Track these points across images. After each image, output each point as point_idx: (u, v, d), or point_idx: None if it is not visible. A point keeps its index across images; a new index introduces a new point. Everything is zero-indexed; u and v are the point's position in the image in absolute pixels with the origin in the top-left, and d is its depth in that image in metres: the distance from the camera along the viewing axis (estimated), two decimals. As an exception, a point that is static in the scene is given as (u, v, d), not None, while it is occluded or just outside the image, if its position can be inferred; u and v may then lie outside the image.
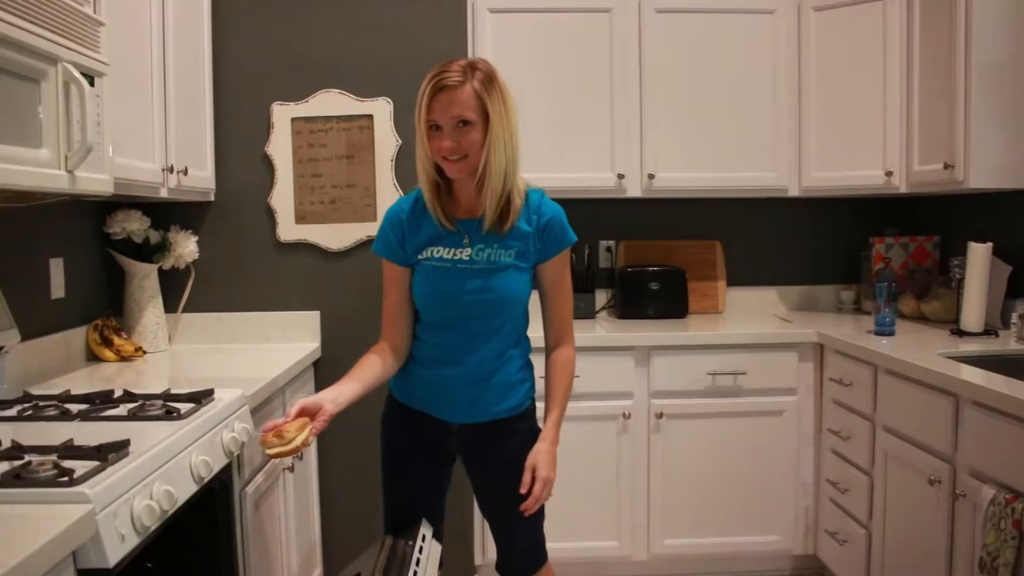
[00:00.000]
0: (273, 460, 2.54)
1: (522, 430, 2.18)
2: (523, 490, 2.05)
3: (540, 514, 2.21)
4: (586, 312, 3.83)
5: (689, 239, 4.03)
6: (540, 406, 2.23)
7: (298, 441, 1.85)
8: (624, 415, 3.34)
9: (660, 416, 3.34)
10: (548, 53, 3.58)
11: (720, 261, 4.00)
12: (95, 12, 2.20)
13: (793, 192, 3.71)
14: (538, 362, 2.26)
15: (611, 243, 4.02)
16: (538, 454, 2.09)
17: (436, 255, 2.10)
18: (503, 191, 2.05)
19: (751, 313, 3.97)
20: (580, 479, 3.34)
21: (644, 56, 3.60)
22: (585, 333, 3.38)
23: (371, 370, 2.09)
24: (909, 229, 3.94)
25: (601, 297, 3.99)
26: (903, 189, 3.47)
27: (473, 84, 1.98)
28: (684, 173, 3.64)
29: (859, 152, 3.54)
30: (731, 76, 3.63)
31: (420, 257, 2.12)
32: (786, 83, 3.64)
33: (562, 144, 3.60)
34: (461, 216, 2.12)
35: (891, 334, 3.20)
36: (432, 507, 2.24)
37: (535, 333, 2.25)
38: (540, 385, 2.24)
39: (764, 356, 3.37)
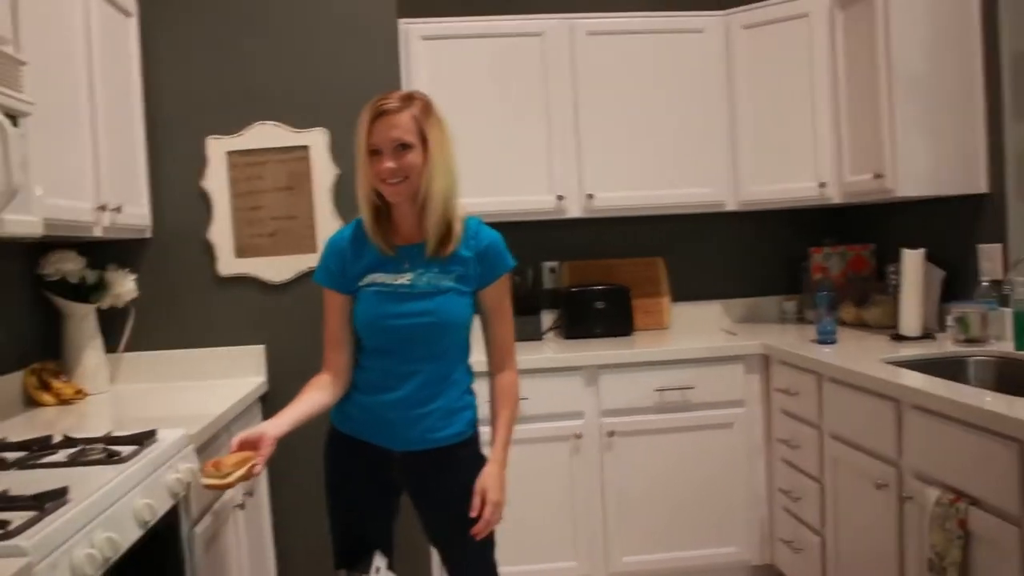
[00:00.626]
0: (223, 499, 2.50)
1: (466, 457, 2.17)
2: (473, 514, 2.05)
3: (490, 541, 2.20)
4: (532, 334, 3.83)
5: (632, 256, 4.07)
6: (485, 431, 2.22)
7: (233, 477, 1.85)
8: (575, 435, 3.34)
9: (611, 434, 3.35)
10: (483, 78, 3.61)
11: (663, 277, 4.04)
12: (17, 51, 2.16)
13: (730, 206, 3.77)
14: (482, 389, 2.25)
15: (555, 264, 4.04)
16: (487, 478, 2.09)
17: (378, 281, 2.11)
18: (444, 216, 2.08)
19: (697, 327, 4.01)
20: (534, 501, 3.34)
21: (578, 78, 3.65)
22: (532, 355, 3.39)
23: (312, 397, 2.10)
24: (846, 238, 4.02)
25: (547, 318, 4.00)
26: (836, 199, 3.54)
27: (412, 111, 2.04)
28: (623, 192, 3.68)
29: (792, 165, 3.61)
30: (664, 95, 3.69)
31: (361, 284, 2.12)
32: (718, 100, 3.71)
33: (501, 168, 3.61)
34: (401, 243, 2.13)
35: (833, 342, 3.25)
36: (381, 537, 2.22)
37: (478, 358, 2.25)
38: (484, 411, 2.23)
39: (711, 369, 3.41)
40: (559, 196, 3.64)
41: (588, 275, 3.99)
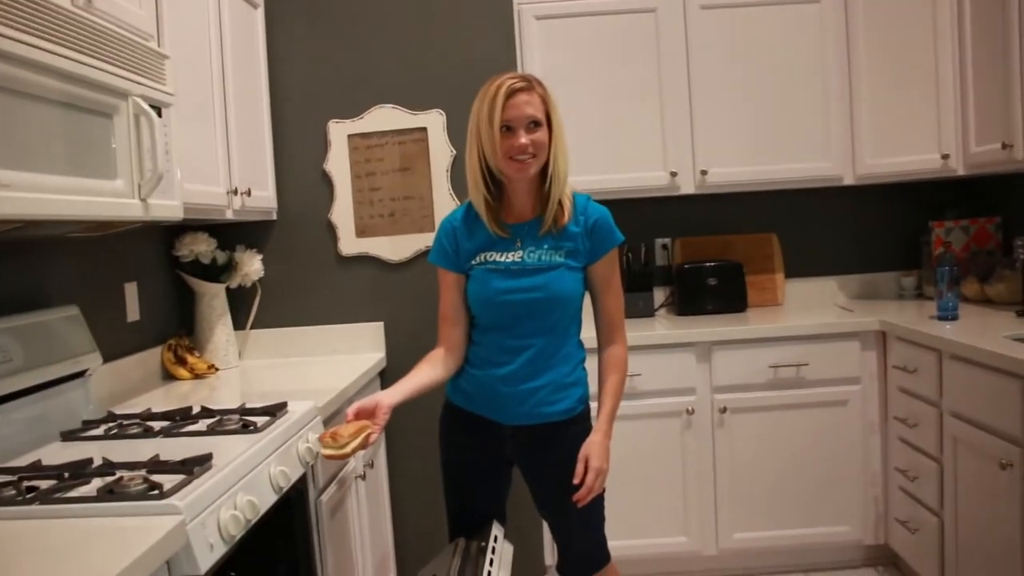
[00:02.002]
0: (346, 469, 2.62)
1: (575, 433, 2.20)
2: (576, 480, 2.08)
3: (599, 515, 2.24)
4: (645, 310, 3.85)
5: (745, 233, 4.03)
6: (595, 407, 2.27)
7: (351, 447, 1.93)
8: (688, 411, 3.35)
9: (724, 411, 3.35)
10: (596, 55, 3.62)
11: (777, 253, 3.99)
12: (159, 46, 2.30)
13: (848, 180, 3.68)
14: (593, 365, 2.29)
15: (667, 240, 4.04)
16: (591, 445, 2.13)
17: (489, 259, 2.18)
18: (562, 191, 2.14)
19: (811, 304, 3.95)
20: (646, 476, 3.37)
21: (691, 53, 3.62)
22: (645, 331, 3.41)
23: (426, 370, 2.19)
24: (969, 211, 3.88)
25: (660, 295, 4.00)
26: (961, 172, 3.43)
27: (539, 91, 2.12)
28: (737, 167, 3.64)
29: (914, 136, 3.51)
30: (779, 67, 3.63)
31: (473, 263, 2.20)
32: (836, 71, 3.62)
33: (614, 145, 3.63)
34: (512, 221, 2.20)
35: (954, 318, 3.16)
36: (494, 508, 2.29)
37: (590, 335, 2.28)
38: (595, 389, 2.27)
39: (826, 346, 3.35)
40: (672, 172, 3.63)
41: (701, 251, 3.97)
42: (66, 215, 1.73)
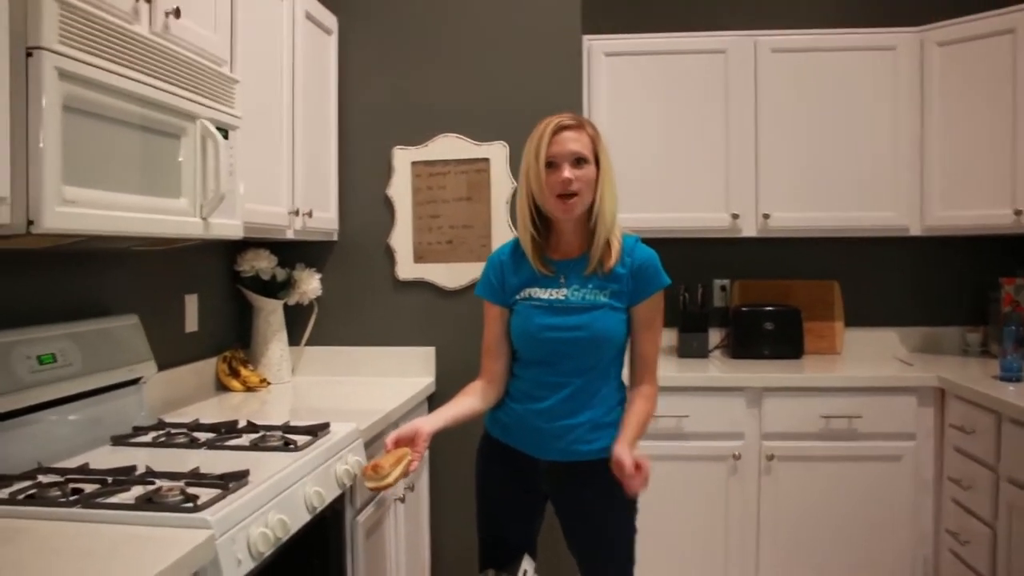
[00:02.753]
0: (385, 492, 2.65)
1: (609, 473, 2.20)
2: (623, 477, 1.98)
3: (628, 556, 2.23)
4: (699, 351, 3.82)
5: (806, 278, 3.98)
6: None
7: (392, 477, 1.95)
8: (734, 456, 3.31)
9: (771, 458, 3.30)
10: (662, 94, 3.64)
11: (838, 301, 3.93)
12: (231, 69, 2.38)
13: (915, 231, 3.62)
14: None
15: (725, 282, 4.01)
16: (619, 452, 2.01)
17: (533, 295, 2.20)
18: (609, 231, 2.15)
19: (870, 355, 3.88)
20: (688, 519, 3.34)
21: (759, 96, 3.61)
22: (697, 372, 3.40)
23: (466, 401, 2.22)
24: (1041, 270, 3.78)
25: (715, 336, 3.97)
26: (1033, 228, 3.35)
27: (588, 130, 2.16)
28: (800, 213, 3.62)
29: (986, 190, 3.43)
30: (849, 113, 3.60)
31: (518, 297, 2.22)
32: (907, 120, 3.58)
33: (676, 184, 3.63)
34: (558, 258, 2.21)
35: (1018, 380, 3.08)
36: (524, 541, 2.29)
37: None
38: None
39: (881, 399, 3.29)
40: (734, 215, 3.62)
41: (759, 295, 3.94)
42: (127, 232, 1.80)
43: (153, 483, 1.72)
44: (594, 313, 2.14)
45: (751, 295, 3.95)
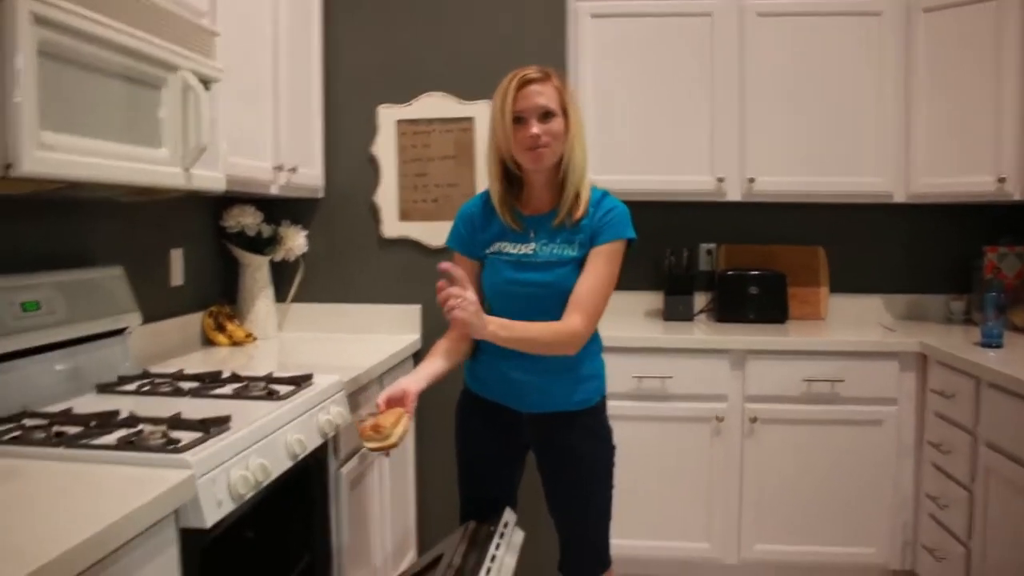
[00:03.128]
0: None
1: (588, 425, 2.22)
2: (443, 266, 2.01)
3: (605, 516, 2.26)
4: (684, 314, 3.84)
5: (791, 243, 3.99)
6: (611, 404, 2.29)
7: (396, 435, 1.96)
8: (717, 418, 3.34)
9: (754, 420, 3.33)
10: (647, 57, 3.62)
11: (823, 267, 3.95)
12: (213, 21, 2.37)
13: (899, 198, 3.63)
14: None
15: (711, 246, 4.02)
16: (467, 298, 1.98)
17: (503, 251, 2.20)
18: (579, 183, 2.14)
19: (854, 321, 3.90)
20: (672, 479, 3.37)
21: (745, 59, 3.60)
22: (682, 335, 3.42)
23: (442, 355, 2.21)
24: (1024, 238, 3.80)
25: (700, 300, 3.99)
26: (1017, 196, 3.35)
27: (554, 82, 2.13)
28: (786, 177, 3.62)
29: (971, 157, 3.44)
30: (835, 79, 3.59)
31: (488, 251, 2.23)
32: (893, 86, 3.57)
33: (661, 147, 3.63)
34: (528, 213, 2.21)
35: (999, 346, 3.10)
36: (505, 494, 2.32)
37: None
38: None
39: (864, 364, 3.31)
40: (719, 178, 3.62)
41: (745, 259, 3.95)
42: (107, 179, 1.80)
43: (136, 427, 1.73)
44: (561, 269, 2.14)
45: (737, 259, 3.96)
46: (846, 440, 3.33)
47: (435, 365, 2.20)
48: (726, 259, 3.97)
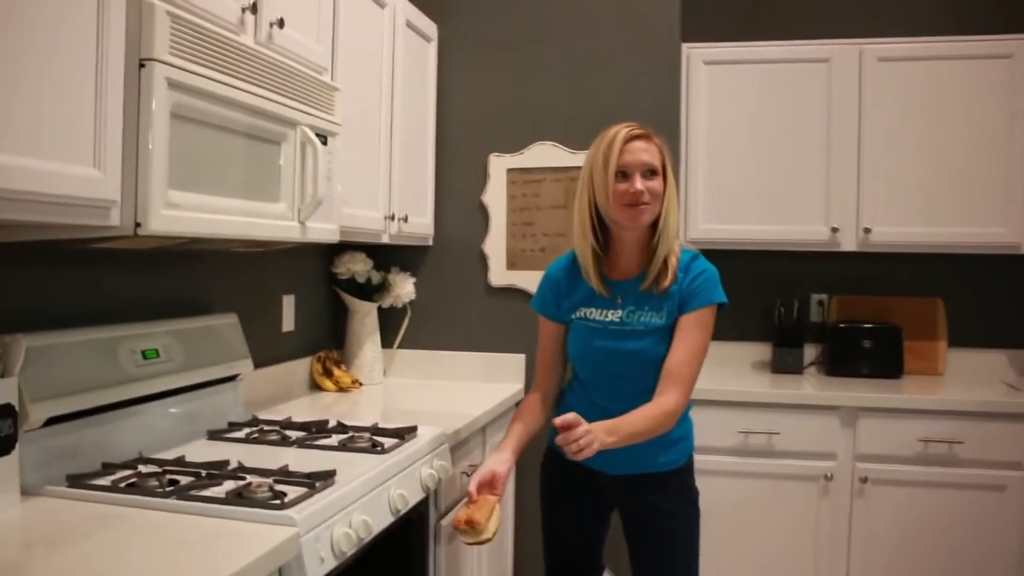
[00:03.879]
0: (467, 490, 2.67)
1: (675, 485, 2.17)
2: (556, 421, 1.88)
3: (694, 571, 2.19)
4: (793, 367, 3.74)
5: (908, 295, 3.84)
6: (698, 459, 2.23)
7: (490, 530, 1.95)
8: (826, 476, 3.22)
9: (865, 480, 3.20)
10: (762, 104, 3.58)
11: (941, 320, 3.78)
12: (332, 77, 2.45)
13: (1024, 249, 3.46)
14: (699, 419, 2.25)
15: (823, 297, 3.91)
16: (596, 425, 1.91)
17: (589, 316, 2.16)
18: (670, 248, 2.10)
19: (975, 377, 3.71)
20: (776, 540, 3.26)
21: (863, 106, 3.51)
22: (790, 389, 3.33)
23: (527, 423, 2.20)
24: None
25: (811, 352, 3.88)
26: None
27: (658, 141, 2.11)
28: (903, 227, 3.50)
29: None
30: (957, 125, 3.46)
31: (574, 316, 2.19)
32: (1018, 132, 3.41)
33: (774, 196, 3.57)
34: (616, 278, 2.16)
35: None
36: (589, 558, 2.27)
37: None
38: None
39: (985, 425, 3.15)
40: (834, 228, 3.53)
41: (858, 311, 3.83)
42: (228, 235, 1.87)
43: (244, 478, 1.77)
44: (650, 338, 2.10)
45: (849, 311, 3.84)
46: (965, 505, 3.17)
47: (521, 435, 2.17)
48: (839, 310, 3.85)
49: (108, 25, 1.53)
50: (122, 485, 1.72)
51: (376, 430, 2.27)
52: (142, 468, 1.85)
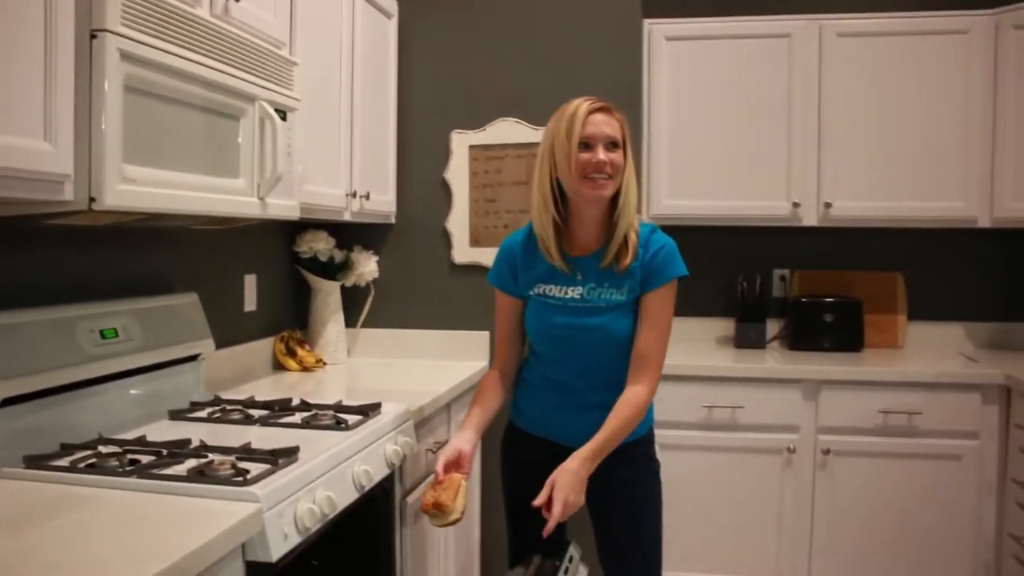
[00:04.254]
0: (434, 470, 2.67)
1: (635, 455, 2.16)
2: (536, 503, 1.94)
3: (655, 549, 2.19)
4: (756, 342, 3.77)
5: (868, 269, 3.89)
6: (663, 433, 2.23)
7: (458, 511, 1.95)
8: (789, 449, 3.26)
9: (827, 452, 3.25)
10: (723, 80, 3.59)
11: (901, 294, 3.84)
12: (290, 52, 2.42)
13: (983, 223, 3.51)
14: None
15: (785, 272, 3.94)
16: (561, 472, 1.96)
17: (548, 293, 2.14)
18: (630, 223, 2.09)
19: (934, 350, 3.77)
20: (740, 511, 3.30)
21: (824, 82, 3.54)
22: (753, 363, 3.36)
23: (489, 400, 2.20)
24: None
25: (773, 327, 3.91)
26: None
27: (619, 115, 2.10)
28: (864, 202, 3.54)
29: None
30: (917, 100, 3.50)
31: (532, 292, 2.17)
32: (979, 107, 3.46)
33: (735, 171, 3.59)
34: (575, 254, 2.14)
35: (1087, 379, 2.98)
36: (554, 532, 2.26)
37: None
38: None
39: (943, 396, 3.20)
40: (795, 203, 3.56)
41: (820, 286, 3.86)
42: (186, 210, 1.85)
43: (206, 457, 1.76)
44: (609, 315, 2.09)
45: (812, 286, 3.87)
46: (923, 475, 3.23)
47: (483, 413, 2.17)
48: (800, 285, 3.89)
49: (56, -5, 1.49)
50: (81, 466, 1.70)
51: (340, 408, 2.26)
52: (102, 448, 1.83)
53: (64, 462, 1.72)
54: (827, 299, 3.73)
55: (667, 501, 2.25)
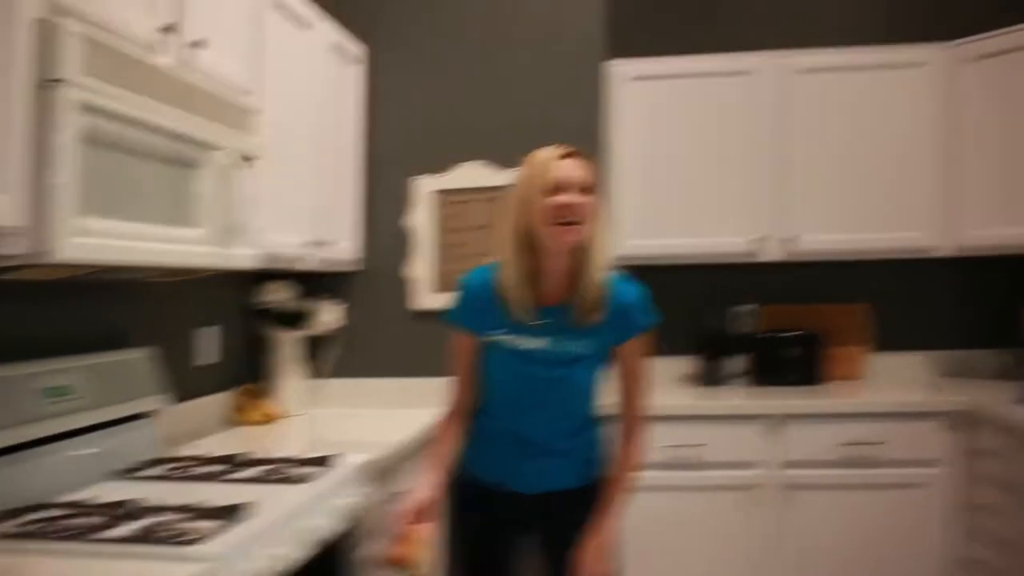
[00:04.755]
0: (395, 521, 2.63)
1: (593, 498, 2.11)
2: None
3: None
4: (721, 379, 3.77)
5: (835, 302, 3.90)
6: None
7: (422, 564, 1.91)
8: (753, 486, 3.25)
9: (791, 487, 3.24)
10: (687, 118, 3.62)
11: (863, 325, 3.85)
12: (260, 100, 2.42)
13: (944, 252, 3.53)
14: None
15: (752, 307, 3.94)
16: (585, 552, 2.02)
17: (513, 343, 2.08)
18: (599, 273, 2.03)
19: (897, 379, 3.77)
20: (707, 550, 3.28)
21: (784, 117, 3.58)
22: (715, 400, 3.38)
23: (450, 445, 2.15)
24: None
25: (741, 363, 3.90)
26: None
27: (590, 162, 2.04)
28: (827, 235, 3.56)
29: (1020, 207, 3.33)
30: (876, 133, 3.55)
31: (494, 339, 2.10)
32: (937, 138, 3.51)
33: (701, 210, 3.61)
34: (542, 304, 2.06)
35: (1043, 403, 3.00)
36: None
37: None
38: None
39: (905, 425, 3.22)
40: (759, 238, 3.57)
41: (787, 320, 3.85)
42: (143, 262, 1.83)
43: (155, 517, 1.73)
44: (576, 367, 2.08)
45: (779, 320, 3.87)
46: (888, 504, 3.23)
47: (445, 457, 2.12)
48: (768, 320, 3.89)
49: (11, 43, 1.49)
50: (22, 532, 1.65)
51: (296, 461, 2.24)
52: (46, 512, 1.78)
53: (5, 528, 1.68)
54: (786, 333, 3.74)
55: (633, 543, 2.23)
